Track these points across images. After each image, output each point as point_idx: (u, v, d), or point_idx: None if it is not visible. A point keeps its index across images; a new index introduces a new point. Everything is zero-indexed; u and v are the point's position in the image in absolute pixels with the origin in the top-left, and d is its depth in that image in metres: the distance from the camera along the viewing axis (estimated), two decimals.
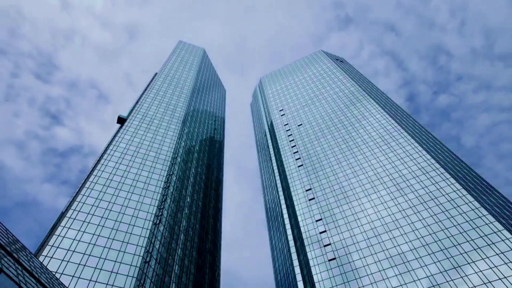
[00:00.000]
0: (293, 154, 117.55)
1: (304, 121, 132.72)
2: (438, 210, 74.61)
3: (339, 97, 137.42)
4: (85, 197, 73.68)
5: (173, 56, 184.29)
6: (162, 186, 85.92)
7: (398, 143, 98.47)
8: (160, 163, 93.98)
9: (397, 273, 66.62)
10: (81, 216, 68.71)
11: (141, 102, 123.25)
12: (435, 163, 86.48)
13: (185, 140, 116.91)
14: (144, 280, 62.41)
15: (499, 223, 66.17)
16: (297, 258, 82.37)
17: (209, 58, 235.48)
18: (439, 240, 68.55)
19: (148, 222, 73.77)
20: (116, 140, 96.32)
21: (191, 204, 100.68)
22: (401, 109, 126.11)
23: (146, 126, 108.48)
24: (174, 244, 79.39)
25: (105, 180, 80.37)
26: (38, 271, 31.66)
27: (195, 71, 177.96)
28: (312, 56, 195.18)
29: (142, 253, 66.07)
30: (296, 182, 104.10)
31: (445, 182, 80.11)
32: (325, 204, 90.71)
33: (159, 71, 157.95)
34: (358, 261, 72.69)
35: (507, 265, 58.98)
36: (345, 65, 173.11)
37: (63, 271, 56.76)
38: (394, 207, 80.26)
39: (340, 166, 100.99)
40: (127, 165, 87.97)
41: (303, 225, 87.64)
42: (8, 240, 30.49)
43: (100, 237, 65.96)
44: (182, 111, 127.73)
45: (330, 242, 79.63)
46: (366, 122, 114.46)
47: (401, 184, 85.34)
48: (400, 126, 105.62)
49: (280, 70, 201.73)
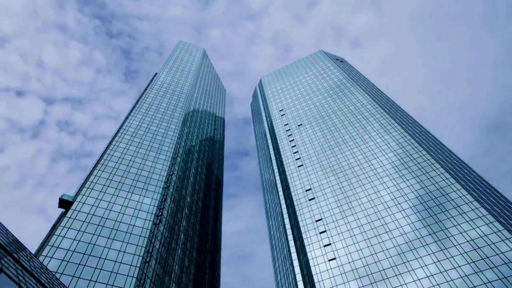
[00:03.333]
0: (293, 154, 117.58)
1: (304, 121, 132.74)
2: (438, 210, 74.63)
3: (339, 97, 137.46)
4: (85, 197, 73.71)
5: (173, 56, 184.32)
6: (162, 186, 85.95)
7: (398, 143, 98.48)
8: (160, 163, 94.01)
9: (397, 273, 66.65)
10: (81, 216, 68.74)
11: (141, 102, 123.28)
12: (435, 163, 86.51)
13: (185, 140, 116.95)
14: (144, 280, 62.43)
15: (499, 223, 66.21)
16: (297, 258, 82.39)
17: (209, 58, 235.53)
18: (439, 240, 68.59)
19: (148, 222, 73.79)
20: (116, 140, 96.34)
21: (191, 204, 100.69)
22: (401, 109, 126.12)
23: (146, 126, 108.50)
24: (174, 244, 79.40)
25: (105, 180, 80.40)
26: (38, 271, 31.67)
27: (195, 71, 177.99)
28: (312, 56, 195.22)
29: (142, 253, 66.10)
30: (296, 182, 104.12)
31: (445, 182, 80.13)
32: (325, 204, 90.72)
33: (159, 71, 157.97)
34: (358, 261, 72.71)
35: (507, 265, 59.01)
36: (345, 65, 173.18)
37: (63, 271, 56.80)
38: (394, 207, 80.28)
39: (340, 166, 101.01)
40: (127, 165, 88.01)
41: (303, 225, 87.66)
42: (8, 240, 30.50)
43: (100, 237, 66.00)
44: (182, 111, 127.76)
45: (330, 242, 79.65)
46: (366, 122, 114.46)
47: (401, 184, 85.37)
48: (400, 126, 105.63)
49: (280, 70, 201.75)
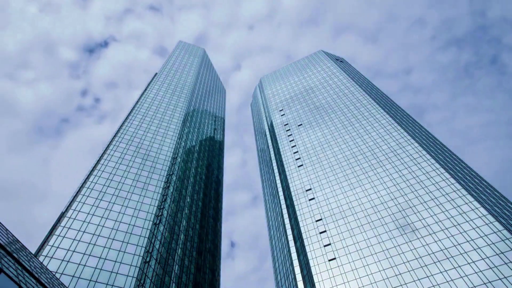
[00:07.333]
0: (293, 154, 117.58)
1: (304, 121, 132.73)
2: (438, 210, 74.64)
3: (339, 97, 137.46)
4: (85, 197, 73.71)
5: (173, 56, 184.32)
6: (162, 186, 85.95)
7: (398, 143, 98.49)
8: (160, 163, 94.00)
9: (397, 273, 66.65)
10: (81, 216, 68.74)
11: (141, 102, 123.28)
12: (435, 163, 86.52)
13: (185, 140, 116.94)
14: (144, 280, 62.43)
15: (499, 223, 66.23)
16: (297, 258, 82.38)
17: (209, 58, 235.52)
18: (439, 240, 68.59)
19: (148, 222, 73.80)
20: (116, 140, 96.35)
21: (191, 204, 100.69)
22: (401, 109, 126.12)
23: (146, 126, 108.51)
24: (174, 244, 79.40)
25: (105, 180, 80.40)
26: (38, 271, 31.66)
27: (195, 71, 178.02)
28: (312, 56, 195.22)
29: (142, 253, 66.10)
30: (296, 182, 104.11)
31: (445, 182, 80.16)
32: (325, 204, 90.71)
33: (159, 71, 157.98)
34: (358, 261, 72.70)
35: (507, 265, 59.03)
36: (345, 65, 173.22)
37: (63, 271, 56.79)
38: (394, 207, 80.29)
39: (340, 166, 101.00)
40: (127, 165, 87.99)
41: (303, 225, 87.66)
42: (8, 240, 30.50)
43: (100, 237, 65.99)
44: (182, 111, 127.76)
45: (330, 242, 79.65)
46: (366, 122, 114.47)
47: (401, 184, 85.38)
48: (400, 126, 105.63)
49: (280, 70, 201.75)
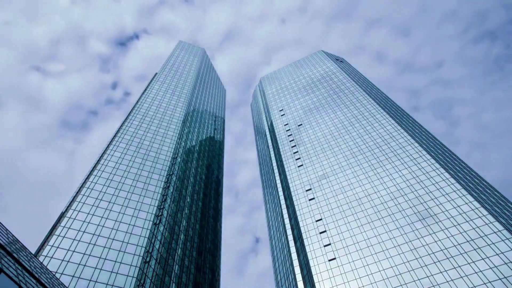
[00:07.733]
0: (293, 154, 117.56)
1: (304, 121, 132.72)
2: (438, 210, 74.63)
3: (339, 97, 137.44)
4: (85, 197, 73.70)
5: (173, 56, 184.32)
6: (162, 186, 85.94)
7: (398, 143, 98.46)
8: (160, 163, 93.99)
9: (397, 273, 66.65)
10: (81, 216, 68.73)
11: (141, 102, 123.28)
12: (435, 162, 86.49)
13: (185, 140, 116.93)
14: (144, 280, 62.43)
15: (499, 223, 66.21)
16: (297, 258, 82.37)
17: (209, 58, 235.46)
18: (439, 240, 68.58)
19: (148, 222, 73.79)
20: (116, 140, 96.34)
21: (191, 204, 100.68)
22: (401, 109, 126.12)
23: (146, 126, 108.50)
24: (174, 244, 79.39)
25: (105, 180, 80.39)
26: (38, 271, 31.65)
27: (195, 71, 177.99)
28: (312, 56, 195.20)
29: (142, 253, 66.09)
30: (296, 182, 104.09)
31: (445, 182, 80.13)
32: (325, 204, 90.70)
33: (159, 71, 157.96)
34: (358, 261, 72.69)
35: (507, 265, 59.03)
36: (345, 65, 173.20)
37: (63, 271, 56.78)
38: (394, 207, 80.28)
39: (340, 166, 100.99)
40: (127, 165, 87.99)
41: (303, 225, 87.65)
42: (8, 240, 30.49)
43: (100, 237, 65.99)
44: (182, 111, 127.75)
45: (330, 242, 79.64)
46: (366, 122, 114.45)
47: (401, 184, 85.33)
48: (400, 126, 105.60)
49: (280, 70, 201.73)
